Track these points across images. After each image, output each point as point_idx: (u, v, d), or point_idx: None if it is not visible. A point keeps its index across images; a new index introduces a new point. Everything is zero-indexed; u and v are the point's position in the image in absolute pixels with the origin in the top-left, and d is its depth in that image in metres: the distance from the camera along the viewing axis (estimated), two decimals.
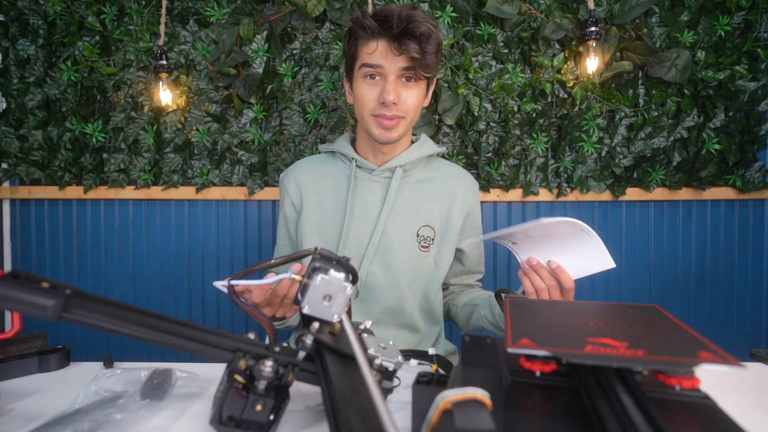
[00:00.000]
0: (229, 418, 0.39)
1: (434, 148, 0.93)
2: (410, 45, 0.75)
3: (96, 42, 1.37)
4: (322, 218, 0.89)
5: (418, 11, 0.76)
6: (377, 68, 0.78)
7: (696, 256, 1.45)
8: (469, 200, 0.92)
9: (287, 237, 0.95)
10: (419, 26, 0.74)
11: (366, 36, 0.78)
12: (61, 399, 0.53)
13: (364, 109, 0.82)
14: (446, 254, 0.90)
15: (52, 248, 1.45)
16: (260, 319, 0.47)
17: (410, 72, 0.78)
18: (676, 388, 0.36)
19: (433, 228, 0.89)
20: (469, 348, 0.43)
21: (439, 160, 0.97)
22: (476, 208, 0.95)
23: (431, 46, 0.77)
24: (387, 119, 0.81)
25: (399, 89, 0.79)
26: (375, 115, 0.81)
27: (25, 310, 0.34)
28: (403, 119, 0.82)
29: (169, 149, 1.40)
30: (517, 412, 0.35)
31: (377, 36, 0.77)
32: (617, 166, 1.39)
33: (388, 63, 0.77)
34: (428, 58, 0.77)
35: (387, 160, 0.89)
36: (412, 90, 0.81)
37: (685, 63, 1.30)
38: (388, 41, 0.76)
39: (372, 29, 0.77)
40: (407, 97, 0.80)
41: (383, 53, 0.77)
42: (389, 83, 0.78)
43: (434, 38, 0.77)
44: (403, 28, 0.74)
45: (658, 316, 0.44)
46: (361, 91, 0.81)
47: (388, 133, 0.82)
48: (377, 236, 0.86)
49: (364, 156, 0.91)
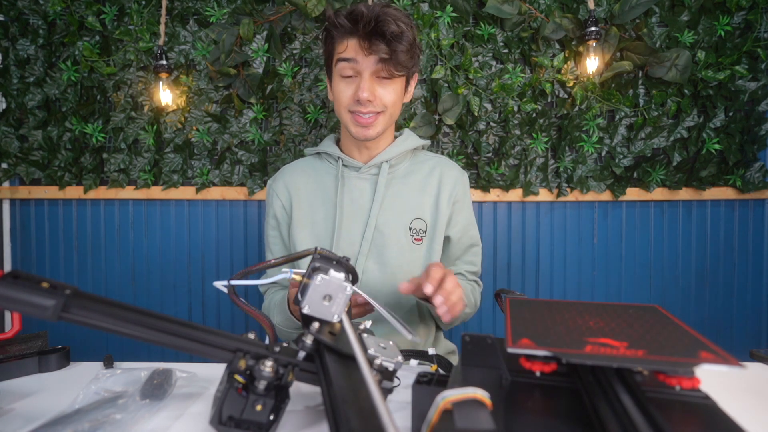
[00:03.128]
0: (229, 418, 0.39)
1: (418, 141, 0.94)
2: (379, 45, 0.75)
3: (96, 42, 1.37)
4: (313, 220, 0.90)
5: (390, 9, 0.77)
6: (351, 62, 0.79)
7: (696, 256, 1.45)
8: (456, 189, 0.92)
9: (280, 241, 0.95)
10: (389, 25, 0.74)
11: (339, 34, 0.79)
12: (61, 399, 0.53)
13: (341, 106, 0.83)
14: (438, 244, 0.90)
15: (52, 248, 1.45)
16: (260, 319, 0.47)
17: (384, 71, 0.79)
18: (676, 388, 0.36)
19: (425, 220, 0.89)
20: (469, 348, 0.43)
21: (423, 153, 0.98)
22: (463, 198, 0.94)
23: (402, 45, 0.77)
24: (363, 116, 0.82)
25: (374, 86, 0.80)
26: (351, 111, 0.82)
27: (25, 310, 0.34)
28: (381, 114, 0.83)
29: (169, 149, 1.40)
30: (517, 412, 0.35)
31: (349, 35, 0.78)
32: (617, 166, 1.39)
33: (361, 59, 0.78)
34: (399, 57, 0.77)
35: (372, 156, 0.90)
36: (388, 87, 0.81)
37: (685, 63, 1.30)
38: (359, 40, 0.77)
39: (344, 27, 0.77)
40: (383, 94, 0.81)
41: (355, 50, 0.78)
42: (364, 81, 0.79)
43: (405, 37, 0.77)
44: (372, 28, 0.75)
45: (658, 316, 0.44)
46: (338, 88, 0.83)
47: (366, 131, 0.83)
48: (370, 233, 0.86)
49: (349, 154, 0.92)
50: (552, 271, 1.46)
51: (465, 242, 0.95)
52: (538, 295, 1.47)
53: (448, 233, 0.92)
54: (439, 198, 0.90)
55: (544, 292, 1.46)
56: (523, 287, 1.47)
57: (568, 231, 1.45)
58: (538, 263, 1.46)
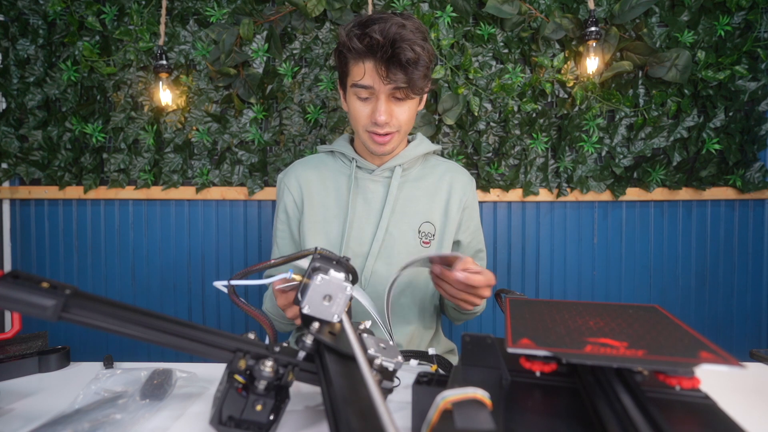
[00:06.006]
0: (229, 418, 0.39)
1: (431, 146, 0.94)
2: (397, 74, 0.75)
3: (96, 42, 1.37)
4: (325, 217, 0.90)
5: (405, 31, 0.74)
6: (368, 89, 0.79)
7: (696, 256, 1.45)
8: (466, 194, 0.93)
9: (289, 236, 0.95)
10: (405, 53, 0.73)
11: (354, 57, 0.78)
12: (61, 399, 0.53)
13: (358, 124, 0.84)
14: (446, 248, 0.91)
15: (52, 248, 1.45)
16: (260, 319, 0.47)
17: (400, 92, 0.78)
18: (676, 388, 0.36)
19: (434, 224, 0.90)
20: (469, 348, 0.43)
21: (435, 158, 0.99)
22: (472, 204, 0.95)
23: (419, 72, 0.76)
24: (380, 136, 0.82)
25: (390, 107, 0.80)
26: (368, 131, 0.83)
27: (25, 310, 0.34)
28: (397, 133, 0.83)
29: (169, 149, 1.40)
30: (517, 412, 0.35)
31: (364, 58, 0.77)
32: (617, 166, 1.39)
33: (378, 84, 0.77)
34: (417, 82, 0.77)
35: (386, 160, 0.91)
36: (404, 106, 0.81)
37: (685, 63, 1.30)
38: (375, 64, 0.76)
39: (359, 52, 0.76)
40: (399, 113, 0.81)
41: (372, 75, 0.77)
42: (380, 103, 0.78)
43: (423, 61, 0.76)
44: (390, 55, 0.73)
45: (658, 316, 0.44)
46: (354, 107, 0.83)
47: (383, 147, 0.84)
48: (381, 234, 0.87)
49: (363, 156, 0.92)
50: (552, 271, 1.46)
51: (474, 247, 0.96)
52: (538, 295, 1.47)
53: (458, 238, 0.94)
54: (449, 203, 0.91)
55: (544, 292, 1.46)
56: (523, 287, 1.47)
57: (568, 231, 1.45)
58: (538, 263, 1.46)
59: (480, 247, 0.98)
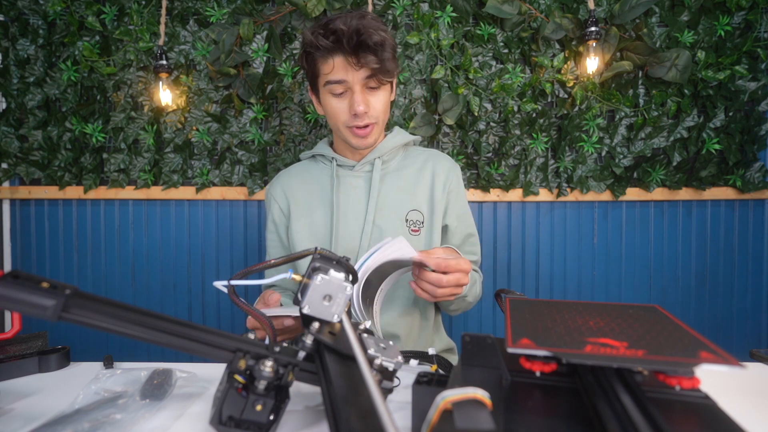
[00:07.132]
0: (229, 418, 0.39)
1: (408, 137, 0.96)
2: (368, 57, 0.77)
3: (96, 42, 1.37)
4: (311, 220, 0.92)
5: (366, 20, 0.77)
6: (342, 83, 0.80)
7: (696, 256, 1.45)
8: (449, 179, 0.94)
9: (280, 244, 0.97)
10: (372, 36, 0.76)
11: (322, 54, 0.80)
12: (61, 399, 0.53)
13: (338, 121, 0.85)
14: (436, 234, 0.91)
15: (52, 248, 1.45)
16: (260, 320, 0.47)
17: (373, 80, 0.80)
18: (676, 388, 0.36)
19: (421, 211, 0.91)
20: (468, 348, 0.43)
21: (415, 148, 1.00)
22: (457, 188, 0.95)
23: (388, 53, 0.79)
24: (361, 129, 0.84)
25: (366, 98, 0.82)
26: (349, 126, 0.85)
27: (25, 310, 0.34)
28: (375, 124, 0.86)
29: (169, 149, 1.40)
30: (517, 412, 0.35)
31: (333, 53, 0.79)
32: (617, 166, 1.39)
33: (350, 76, 0.79)
34: (387, 64, 0.79)
35: (365, 154, 0.93)
36: (378, 95, 0.84)
37: (685, 63, 1.30)
38: (345, 56, 0.78)
39: (327, 48, 0.78)
40: (375, 103, 0.84)
41: (343, 68, 0.79)
42: (356, 94, 0.81)
43: (388, 44, 0.79)
44: (356, 42, 0.76)
45: (658, 316, 0.44)
46: (330, 105, 0.84)
47: (364, 141, 0.87)
48: (368, 228, 0.88)
49: (342, 155, 0.94)
50: (552, 271, 1.46)
51: (462, 230, 0.96)
52: (538, 295, 1.47)
53: (445, 222, 0.94)
54: (433, 189, 0.92)
55: (544, 292, 1.46)
56: (523, 287, 1.47)
57: (568, 231, 1.45)
58: (538, 263, 1.46)
59: (470, 231, 0.97)
